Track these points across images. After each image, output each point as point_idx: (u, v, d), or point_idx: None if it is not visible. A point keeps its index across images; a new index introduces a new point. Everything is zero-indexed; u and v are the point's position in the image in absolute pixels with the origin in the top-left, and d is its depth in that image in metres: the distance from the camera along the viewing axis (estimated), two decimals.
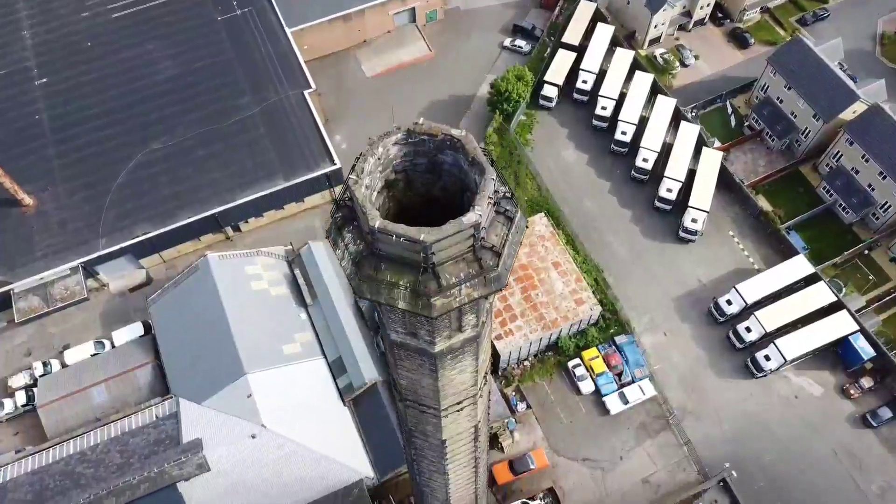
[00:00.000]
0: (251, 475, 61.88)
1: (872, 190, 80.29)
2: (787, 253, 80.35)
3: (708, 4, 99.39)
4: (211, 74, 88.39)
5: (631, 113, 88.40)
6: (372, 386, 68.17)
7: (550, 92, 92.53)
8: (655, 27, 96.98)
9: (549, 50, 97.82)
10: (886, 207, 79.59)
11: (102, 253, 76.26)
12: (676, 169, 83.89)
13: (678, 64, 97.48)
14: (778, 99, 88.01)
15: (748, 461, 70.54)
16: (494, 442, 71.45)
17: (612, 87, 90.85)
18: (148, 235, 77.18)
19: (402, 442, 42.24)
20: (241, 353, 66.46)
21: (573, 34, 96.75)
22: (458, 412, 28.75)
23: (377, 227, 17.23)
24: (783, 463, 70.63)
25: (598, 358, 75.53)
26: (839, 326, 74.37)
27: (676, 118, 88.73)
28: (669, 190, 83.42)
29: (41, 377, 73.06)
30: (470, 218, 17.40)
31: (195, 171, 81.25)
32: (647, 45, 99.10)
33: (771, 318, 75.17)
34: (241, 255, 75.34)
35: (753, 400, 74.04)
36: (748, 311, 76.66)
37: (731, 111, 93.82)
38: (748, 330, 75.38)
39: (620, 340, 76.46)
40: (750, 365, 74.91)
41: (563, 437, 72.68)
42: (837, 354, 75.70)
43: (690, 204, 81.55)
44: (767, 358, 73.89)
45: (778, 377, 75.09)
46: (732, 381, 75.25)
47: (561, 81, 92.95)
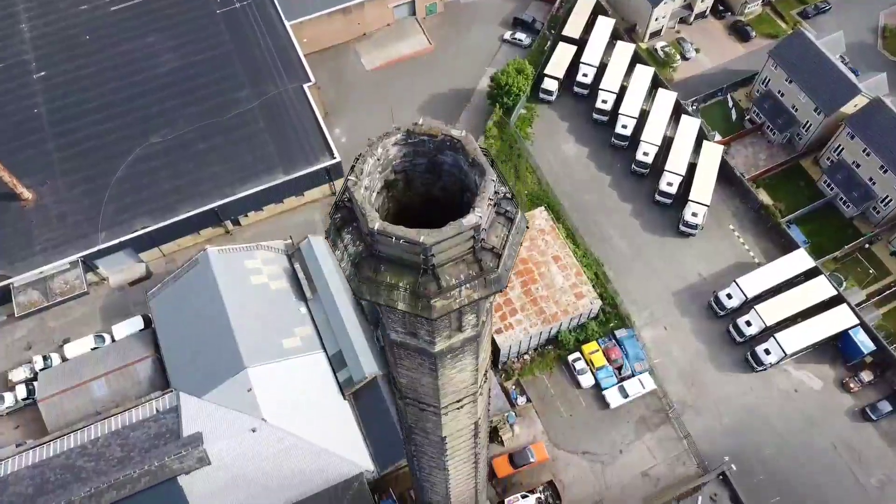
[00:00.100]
0: (251, 468, 62.01)
1: (873, 184, 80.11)
2: (787, 247, 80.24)
3: None
4: (210, 68, 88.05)
5: (631, 106, 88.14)
6: (372, 380, 68.25)
7: (551, 85, 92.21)
8: (656, 20, 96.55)
9: (549, 43, 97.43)
10: (887, 201, 79.44)
11: (102, 247, 76.19)
12: (677, 163, 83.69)
13: (679, 57, 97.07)
14: (779, 92, 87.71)
15: (748, 455, 70.65)
16: (494, 435, 71.55)
17: (612, 80, 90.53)
18: (147, 229, 77.06)
19: (402, 437, 42.29)
20: (241, 347, 66.52)
21: (574, 27, 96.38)
22: (458, 410, 28.74)
23: (377, 229, 17.15)
24: (783, 456, 70.77)
25: (598, 352, 75.54)
26: (839, 320, 74.35)
27: (677, 112, 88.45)
28: (670, 184, 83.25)
29: (41, 371, 73.11)
30: (470, 220, 17.31)
31: (195, 164, 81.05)
32: (647, 38, 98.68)
33: (771, 311, 75.12)
34: (240, 249, 75.26)
35: (753, 394, 74.09)
36: (748, 304, 76.63)
37: (731, 105, 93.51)
38: (748, 324, 75.37)
39: (620, 334, 76.45)
40: (750, 359, 74.93)
41: (562, 430, 72.77)
42: (837, 348, 75.71)
43: (691, 198, 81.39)
44: (767, 352, 73.91)
45: (778, 371, 75.14)
46: (732, 374, 75.29)
47: (561, 75, 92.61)
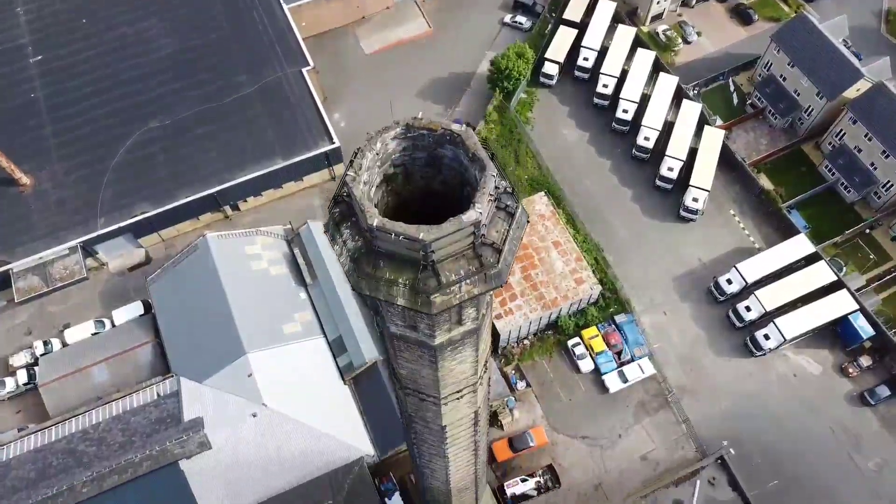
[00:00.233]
0: (252, 453, 62.31)
1: (875, 169, 79.82)
2: (788, 232, 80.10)
3: None
4: (208, 52, 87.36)
5: (632, 91, 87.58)
6: (372, 365, 68.39)
7: (551, 69, 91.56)
8: (658, 3, 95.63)
9: (549, 26, 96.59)
10: (888, 186, 79.21)
11: (101, 232, 76.05)
12: (678, 147, 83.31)
13: (680, 41, 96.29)
14: (781, 76, 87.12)
15: (746, 439, 71.00)
16: (494, 420, 71.87)
17: (613, 64, 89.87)
18: (146, 215, 76.88)
19: (402, 424, 42.44)
20: (241, 332, 66.62)
21: (574, 10, 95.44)
22: (457, 400, 28.77)
23: (376, 225, 17.03)
24: (781, 441, 71.11)
25: (597, 337, 75.67)
26: (839, 306, 74.41)
27: (678, 96, 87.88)
28: (670, 169, 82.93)
29: (42, 356, 73.30)
30: (470, 216, 17.18)
31: (193, 149, 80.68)
32: (649, 21, 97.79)
33: (771, 297, 75.18)
34: (240, 234, 75.17)
35: (752, 379, 74.31)
36: (748, 290, 76.64)
37: (733, 89, 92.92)
38: (748, 309, 75.44)
39: (620, 319, 76.56)
40: (749, 344, 75.09)
41: (562, 415, 73.06)
42: (836, 333, 75.84)
43: (691, 183, 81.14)
44: (767, 337, 74.03)
45: (777, 356, 75.32)
46: (731, 359, 75.49)
47: (562, 59, 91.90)
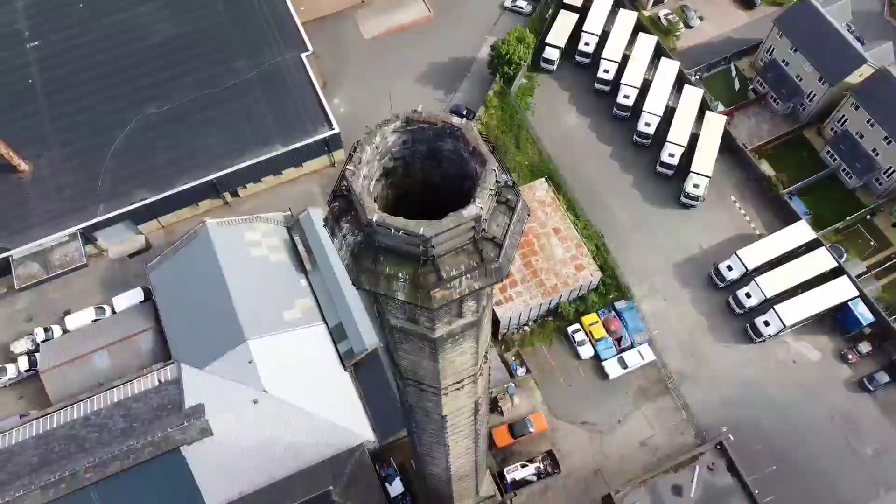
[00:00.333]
0: (253, 439, 62.59)
1: (877, 155, 79.47)
2: (788, 218, 79.87)
3: None
4: (206, 37, 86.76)
5: (634, 76, 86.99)
6: (372, 351, 68.57)
7: (552, 54, 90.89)
8: None
9: (550, 11, 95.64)
10: (890, 172, 78.89)
11: (100, 219, 75.89)
12: (679, 133, 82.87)
13: (682, 25, 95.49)
14: (783, 62, 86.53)
15: (746, 425, 71.21)
16: (494, 406, 72.07)
17: (614, 49, 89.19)
18: (146, 201, 76.69)
19: (402, 412, 42.55)
20: (241, 319, 66.74)
21: None
22: (458, 390, 28.82)
23: (375, 220, 16.91)
24: (780, 427, 71.32)
25: (597, 323, 75.72)
26: (839, 292, 74.36)
27: (680, 81, 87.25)
28: (672, 155, 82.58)
29: (43, 343, 73.37)
30: (471, 211, 17.07)
31: (192, 135, 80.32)
32: (650, 5, 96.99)
33: (771, 283, 75.12)
34: (239, 221, 75.07)
35: (752, 365, 74.42)
36: (749, 276, 76.57)
37: (735, 74, 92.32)
38: (748, 296, 75.42)
39: (620, 306, 76.58)
40: (749, 330, 75.13)
41: (562, 401, 73.25)
42: (836, 320, 75.86)
43: (692, 169, 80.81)
44: (767, 323, 74.07)
45: (777, 342, 75.39)
46: (731, 346, 75.57)
47: (563, 44, 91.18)
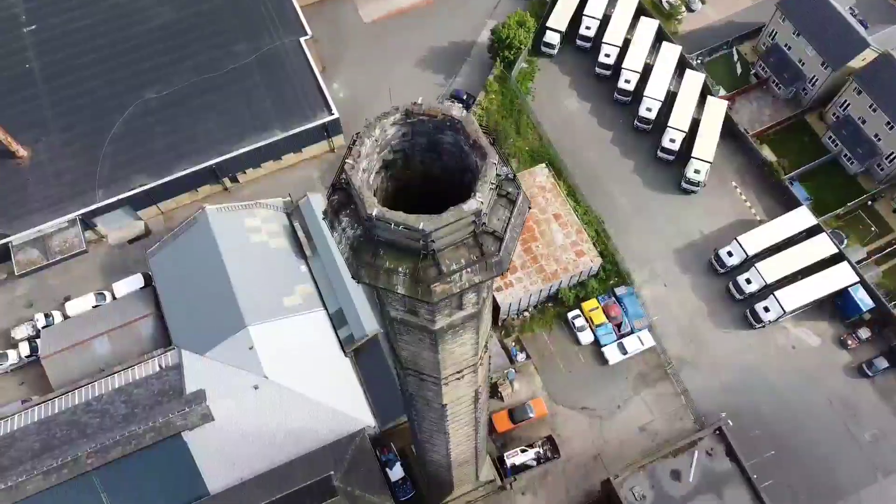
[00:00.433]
0: (254, 425, 62.83)
1: (878, 140, 79.10)
2: (789, 204, 79.64)
3: None
4: (204, 21, 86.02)
5: (635, 61, 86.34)
6: (373, 337, 68.67)
7: (553, 38, 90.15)
8: None
9: None
10: (892, 158, 78.55)
11: (100, 205, 75.68)
12: (680, 118, 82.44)
13: (684, 9, 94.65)
14: (786, 46, 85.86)
15: (745, 410, 71.47)
16: (494, 391, 72.32)
17: (616, 33, 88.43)
18: (145, 187, 76.44)
19: (403, 400, 42.64)
20: (241, 305, 66.77)
21: None
22: (458, 380, 28.83)
23: (375, 215, 16.79)
24: (779, 412, 71.60)
25: (597, 309, 75.77)
26: (839, 278, 74.33)
27: (681, 66, 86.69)
28: (673, 140, 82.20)
29: (43, 329, 73.46)
30: (471, 205, 16.95)
31: (191, 120, 79.91)
32: None
33: (771, 269, 75.05)
34: (239, 207, 74.82)
35: (752, 350, 74.58)
36: (749, 262, 76.52)
37: (737, 58, 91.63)
38: (748, 281, 75.39)
39: (620, 292, 76.57)
40: (749, 316, 75.19)
41: (561, 386, 73.48)
42: (836, 305, 75.90)
43: (693, 155, 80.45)
44: (766, 309, 74.13)
45: (776, 328, 75.48)
46: (731, 332, 75.68)
47: (563, 28, 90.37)
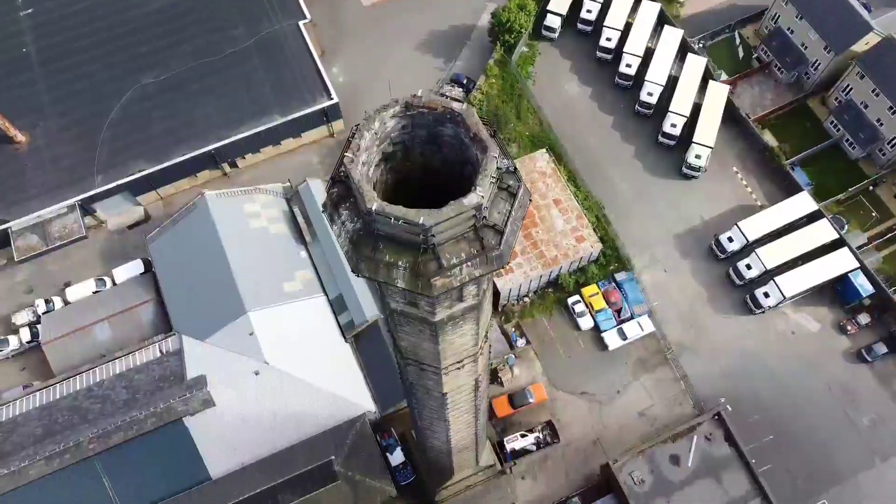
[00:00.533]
0: (255, 410, 63.09)
1: (881, 125, 78.68)
2: (790, 189, 79.40)
3: None
4: (203, 4, 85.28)
5: (636, 44, 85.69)
6: (373, 323, 68.70)
7: (553, 22, 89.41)
8: None
9: None
10: (894, 143, 78.18)
11: (98, 190, 75.48)
12: (681, 103, 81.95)
13: None
14: (788, 29, 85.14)
15: (744, 395, 71.65)
16: (494, 377, 72.49)
17: (617, 17, 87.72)
18: (143, 173, 76.17)
19: (403, 387, 42.72)
20: (241, 291, 66.77)
21: None
22: (458, 370, 28.83)
23: (375, 209, 16.66)
24: (778, 397, 71.81)
25: (597, 294, 75.75)
26: (839, 264, 74.24)
27: (683, 50, 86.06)
28: (674, 125, 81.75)
29: (44, 314, 73.50)
30: (471, 199, 16.81)
31: (190, 105, 79.50)
32: None
33: (772, 255, 74.97)
34: (238, 192, 74.59)
35: (751, 336, 74.64)
36: (749, 248, 76.42)
37: (739, 42, 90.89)
38: (748, 267, 75.31)
39: (620, 277, 76.52)
40: (749, 302, 75.21)
41: (561, 371, 73.64)
42: (836, 291, 75.89)
43: (694, 140, 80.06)
44: (766, 295, 74.11)
45: (776, 313, 75.50)
46: (731, 317, 75.72)
47: (564, 11, 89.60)
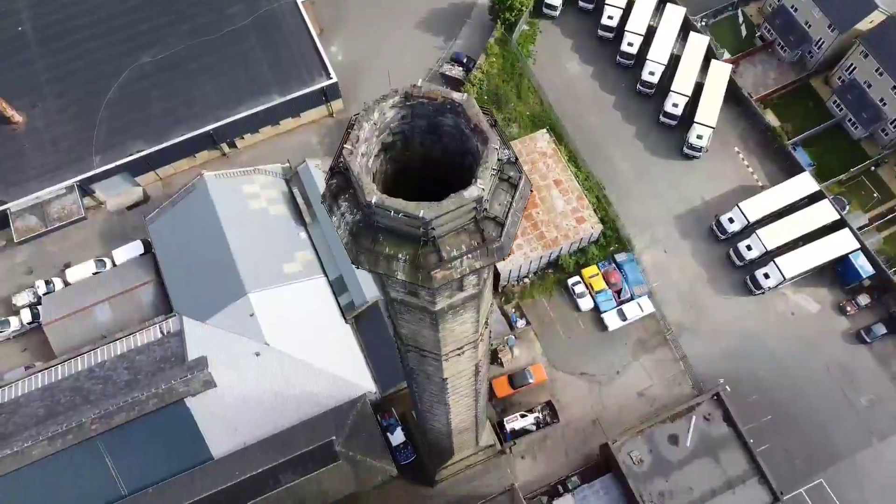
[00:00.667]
0: (256, 391, 63.42)
1: (884, 104, 78.06)
2: (792, 170, 78.97)
3: None
4: None
5: (638, 23, 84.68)
6: (373, 304, 68.75)
7: (555, 0, 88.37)
8: None
9: None
10: None
11: (97, 171, 75.10)
12: (683, 82, 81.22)
13: None
14: (792, 7, 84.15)
15: (743, 376, 71.99)
16: (494, 357, 72.77)
17: None
18: (142, 153, 75.77)
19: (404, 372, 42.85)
20: (241, 272, 66.77)
21: None
22: (458, 356, 28.86)
23: (374, 202, 16.50)
24: (777, 378, 72.15)
25: (597, 275, 75.79)
26: (840, 245, 74.12)
27: (685, 28, 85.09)
28: (675, 105, 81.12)
29: (45, 295, 73.57)
30: (472, 192, 16.64)
31: (188, 84, 78.84)
32: None
33: (772, 236, 74.83)
34: (237, 173, 74.26)
35: (751, 317, 74.79)
36: (750, 228, 76.26)
37: (742, 20, 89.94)
38: (749, 248, 75.22)
39: (620, 258, 76.51)
40: (749, 283, 75.24)
41: (561, 352, 73.88)
42: (836, 272, 75.87)
43: (696, 120, 79.49)
44: (766, 276, 74.12)
45: (776, 294, 75.59)
46: (731, 298, 75.80)
47: None
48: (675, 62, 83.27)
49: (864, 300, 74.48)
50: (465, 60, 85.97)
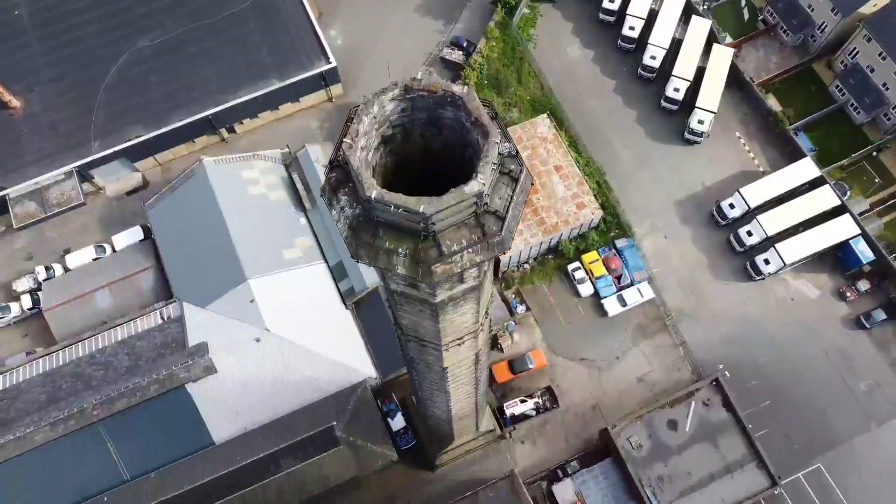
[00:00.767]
0: (257, 377, 63.66)
1: (887, 89, 77.52)
2: (794, 155, 78.62)
3: None
4: None
5: (640, 6, 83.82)
6: (373, 290, 68.78)
7: None
8: None
9: None
10: None
11: (96, 157, 74.77)
12: (685, 67, 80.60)
13: None
14: None
15: (742, 362, 72.13)
16: (494, 343, 72.89)
17: None
18: (141, 139, 75.40)
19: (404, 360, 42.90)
20: (241, 258, 66.77)
21: None
22: (458, 346, 28.88)
23: (374, 197, 16.38)
24: (776, 363, 72.28)
25: (597, 261, 75.70)
26: (840, 230, 73.94)
27: (687, 11, 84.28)
28: (677, 89, 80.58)
29: (45, 281, 73.60)
30: (472, 187, 16.52)
31: (186, 68, 78.26)
32: None
33: (773, 221, 74.62)
34: (237, 158, 74.01)
35: (751, 303, 74.80)
36: (751, 214, 76.07)
37: (744, 3, 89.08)
38: (749, 234, 75.08)
39: (620, 244, 76.36)
40: (749, 268, 75.18)
41: (561, 338, 73.99)
42: (836, 257, 75.78)
43: (697, 104, 78.98)
44: (767, 262, 74.02)
45: (776, 280, 75.54)
46: (731, 284, 75.75)
47: None
48: (676, 46, 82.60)
49: (864, 286, 74.43)
50: (465, 44, 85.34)
